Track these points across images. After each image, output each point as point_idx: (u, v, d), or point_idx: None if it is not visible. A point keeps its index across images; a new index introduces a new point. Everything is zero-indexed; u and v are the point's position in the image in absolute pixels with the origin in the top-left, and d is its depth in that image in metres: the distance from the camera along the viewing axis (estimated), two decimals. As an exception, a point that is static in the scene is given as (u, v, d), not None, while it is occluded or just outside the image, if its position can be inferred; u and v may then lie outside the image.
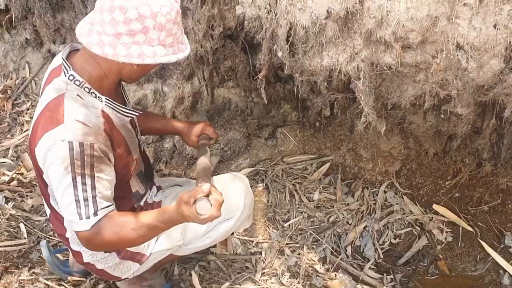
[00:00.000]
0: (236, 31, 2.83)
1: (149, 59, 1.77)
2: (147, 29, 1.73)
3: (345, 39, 2.24)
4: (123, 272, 2.30)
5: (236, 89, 3.34)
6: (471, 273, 2.92)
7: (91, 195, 1.81)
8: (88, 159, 1.79)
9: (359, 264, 2.88)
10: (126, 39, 1.73)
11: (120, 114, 2.03)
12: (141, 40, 1.75)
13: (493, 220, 3.03)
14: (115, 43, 1.74)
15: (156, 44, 1.78)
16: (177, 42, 1.86)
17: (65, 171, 1.78)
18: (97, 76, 1.90)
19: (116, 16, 1.71)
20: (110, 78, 1.93)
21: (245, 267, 2.77)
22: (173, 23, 1.78)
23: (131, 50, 1.75)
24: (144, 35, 1.74)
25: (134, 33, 1.73)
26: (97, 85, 1.91)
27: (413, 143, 3.15)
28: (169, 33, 1.79)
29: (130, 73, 1.94)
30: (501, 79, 2.03)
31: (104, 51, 1.74)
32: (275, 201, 3.11)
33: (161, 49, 1.79)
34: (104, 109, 1.94)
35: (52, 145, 1.78)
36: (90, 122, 1.83)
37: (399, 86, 2.41)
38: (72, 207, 1.81)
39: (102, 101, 1.92)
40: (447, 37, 1.96)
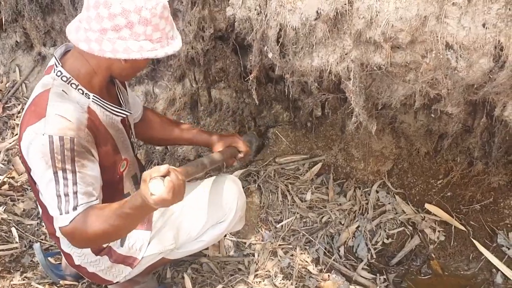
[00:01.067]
0: (227, 32, 2.83)
1: (134, 54, 1.77)
2: (132, 24, 1.74)
3: (335, 40, 2.23)
4: (115, 275, 2.29)
5: (227, 90, 3.33)
6: (464, 272, 2.92)
7: (72, 191, 1.80)
8: (69, 153, 1.78)
9: (352, 265, 2.88)
10: (111, 34, 1.74)
11: (108, 112, 2.02)
12: (126, 35, 1.75)
13: (485, 219, 3.03)
14: (101, 39, 1.75)
15: (143, 39, 1.78)
16: (166, 38, 1.85)
17: (46, 165, 1.78)
18: (86, 73, 1.91)
19: (101, 12, 1.72)
20: (99, 75, 1.94)
21: (238, 269, 2.76)
22: (159, 17, 1.78)
23: (116, 45, 1.76)
24: (130, 30, 1.75)
25: (119, 28, 1.74)
26: (86, 82, 1.92)
27: (405, 143, 3.16)
28: (156, 28, 1.79)
29: (119, 70, 1.94)
30: (490, 78, 2.02)
31: (90, 47, 1.76)
32: (267, 202, 3.10)
33: (148, 44, 1.79)
34: (91, 106, 1.94)
35: (33, 139, 1.78)
36: (72, 117, 1.82)
37: (389, 86, 2.41)
38: (54, 202, 1.81)
39: (89, 97, 1.92)
40: (436, 36, 1.96)
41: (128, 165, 2.18)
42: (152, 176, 1.67)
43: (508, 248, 2.90)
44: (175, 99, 3.37)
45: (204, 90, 3.29)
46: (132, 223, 1.90)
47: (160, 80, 3.42)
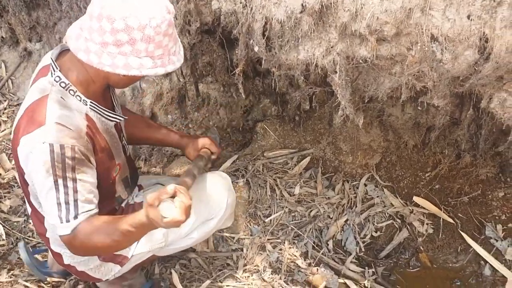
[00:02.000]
0: (213, 26, 2.81)
1: (134, 71, 1.73)
2: (134, 41, 1.69)
3: (321, 33, 2.23)
4: (104, 274, 2.27)
5: (215, 84, 3.32)
6: (452, 264, 2.92)
7: (73, 199, 1.79)
8: (70, 161, 1.76)
9: (340, 258, 2.87)
10: (112, 48, 1.70)
11: (104, 118, 2.00)
12: (127, 51, 1.71)
13: (474, 211, 3.03)
14: (101, 52, 1.71)
15: (144, 56, 1.73)
16: (168, 54, 1.80)
17: (46, 173, 1.76)
18: (83, 79, 1.88)
19: (104, 25, 1.67)
20: (97, 83, 1.91)
21: (227, 264, 2.76)
22: (163, 35, 1.73)
23: (116, 60, 1.71)
24: (131, 46, 1.70)
25: (121, 43, 1.69)
26: (83, 88, 1.89)
27: (393, 136, 3.15)
28: (159, 45, 1.74)
29: (117, 81, 1.91)
30: (476, 70, 2.02)
31: (89, 59, 1.72)
32: (256, 197, 3.09)
33: (149, 61, 1.74)
34: (89, 113, 1.91)
35: (33, 148, 1.76)
36: (72, 124, 1.81)
37: (375, 79, 2.41)
38: (54, 210, 1.79)
39: (86, 104, 1.90)
40: (421, 28, 1.95)
41: (120, 169, 2.16)
42: (162, 200, 1.70)
43: (496, 240, 2.90)
44: (162, 94, 3.35)
45: (191, 85, 3.28)
46: (134, 239, 1.95)
47: (147, 75, 3.39)
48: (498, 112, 2.27)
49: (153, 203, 1.70)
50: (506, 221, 2.97)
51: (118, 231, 1.81)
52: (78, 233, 1.81)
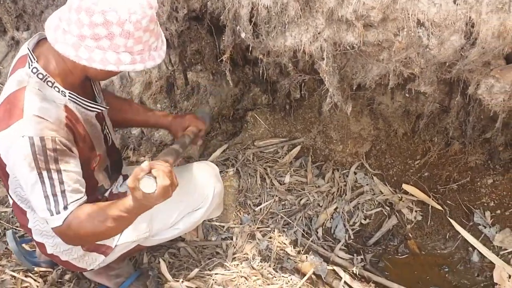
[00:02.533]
0: (201, 12, 2.78)
1: (111, 66, 1.70)
2: (113, 36, 1.66)
3: (307, 19, 2.21)
4: (89, 263, 2.26)
5: (204, 72, 3.30)
6: (440, 251, 2.93)
7: (60, 190, 1.77)
8: (52, 153, 1.74)
9: (330, 246, 2.88)
10: (90, 42, 1.67)
11: (84, 109, 1.97)
12: (105, 46, 1.68)
13: (462, 198, 3.04)
14: (78, 45, 1.68)
15: (122, 51, 1.70)
16: (148, 50, 1.77)
17: (29, 167, 1.73)
18: (61, 70, 1.85)
19: (82, 18, 1.64)
20: (75, 74, 1.88)
21: (216, 253, 2.75)
22: (143, 31, 1.70)
23: (93, 54, 1.68)
24: (109, 41, 1.67)
25: (99, 37, 1.66)
26: (62, 79, 1.86)
27: (382, 124, 3.15)
28: (138, 41, 1.71)
29: (95, 74, 1.88)
30: (462, 56, 2.01)
31: (66, 51, 1.69)
32: (246, 186, 3.09)
33: (127, 56, 1.71)
34: (68, 104, 1.88)
35: (13, 142, 1.73)
36: (50, 116, 1.78)
37: (363, 66, 2.39)
38: (42, 203, 1.78)
39: (65, 95, 1.87)
40: (407, 14, 1.94)
41: (100, 160, 2.14)
42: (140, 178, 1.67)
43: (485, 226, 2.92)
44: (151, 82, 3.33)
45: (180, 73, 3.25)
46: (128, 224, 1.91)
47: (136, 63, 3.36)
48: (485, 99, 2.26)
49: (134, 185, 1.67)
50: (495, 207, 2.99)
51: (110, 217, 1.79)
52: (70, 223, 1.79)
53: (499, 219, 2.94)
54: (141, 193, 1.68)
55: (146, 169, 1.68)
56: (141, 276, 2.52)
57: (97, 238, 1.99)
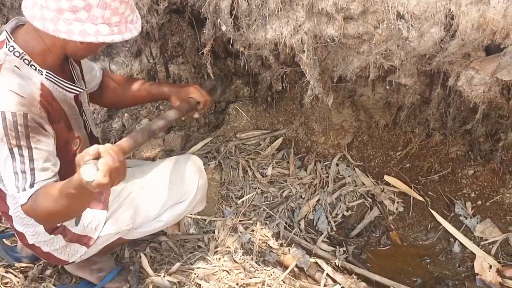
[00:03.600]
0: (182, 5, 2.76)
1: (90, 37, 1.72)
2: (90, 7, 1.68)
3: (288, 12, 2.20)
4: (70, 255, 2.24)
5: (186, 65, 3.29)
6: (422, 242, 2.96)
7: (29, 167, 1.76)
8: (23, 129, 1.74)
9: (312, 238, 2.89)
10: (68, 15, 1.69)
11: (62, 89, 1.98)
12: (83, 18, 1.70)
13: (443, 189, 3.07)
14: (56, 19, 1.69)
15: (100, 23, 1.73)
16: (125, 22, 1.80)
17: (1, 142, 1.74)
18: (40, 50, 1.86)
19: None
20: (54, 53, 1.89)
21: (198, 247, 2.74)
22: (119, 2, 1.73)
23: (72, 27, 1.70)
24: (87, 13, 1.69)
25: (77, 9, 1.68)
26: (40, 58, 1.87)
27: (364, 115, 3.16)
28: (115, 12, 1.74)
29: (74, 50, 1.89)
30: (442, 48, 2.02)
31: (45, 26, 1.70)
32: (228, 178, 3.08)
33: (105, 27, 1.74)
34: (44, 82, 1.89)
35: None
36: (24, 93, 1.78)
37: (344, 58, 2.39)
38: (12, 179, 1.77)
39: (42, 74, 1.88)
40: (387, 6, 1.94)
41: (81, 143, 2.13)
42: (84, 161, 1.57)
43: (466, 217, 2.94)
44: (132, 75, 3.31)
45: (161, 66, 3.24)
46: (81, 202, 1.84)
47: (117, 56, 3.36)
48: (465, 90, 2.28)
49: (78, 163, 1.58)
50: (475, 198, 3.02)
51: (63, 195, 1.72)
52: (33, 202, 1.77)
53: (480, 210, 2.97)
54: (79, 176, 1.58)
55: (92, 154, 1.57)
56: (123, 270, 2.50)
57: (56, 217, 1.88)
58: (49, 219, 1.90)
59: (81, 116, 2.17)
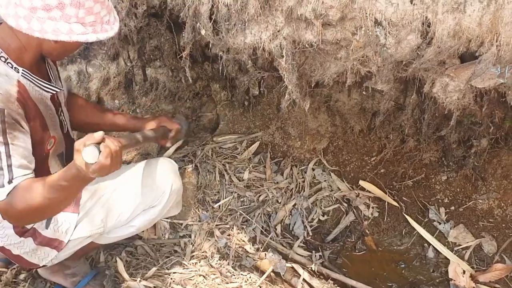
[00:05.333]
0: (160, 9, 2.76)
1: (63, 36, 1.71)
2: (64, 6, 1.67)
3: (267, 17, 2.21)
4: (41, 258, 2.20)
5: (163, 68, 3.27)
6: (397, 247, 2.98)
7: (6, 164, 1.73)
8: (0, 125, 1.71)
9: (288, 243, 2.89)
10: (41, 13, 1.68)
11: (38, 88, 1.95)
12: (57, 16, 1.69)
13: (417, 195, 3.11)
14: (30, 17, 1.68)
15: (74, 22, 1.72)
16: (100, 22, 1.79)
17: None
18: (16, 48, 1.84)
19: None
20: (29, 52, 1.87)
21: (174, 251, 2.72)
22: (93, 1, 1.72)
23: (45, 26, 1.69)
24: (61, 11, 1.68)
25: (50, 8, 1.67)
26: (16, 56, 1.85)
27: (340, 121, 3.19)
28: (89, 12, 1.73)
29: (49, 49, 1.88)
30: (418, 55, 2.05)
31: (18, 24, 1.69)
32: (204, 182, 3.07)
33: (79, 27, 1.73)
34: (20, 80, 1.86)
35: None
36: (1, 88, 1.75)
37: (322, 64, 2.41)
38: None
39: (18, 72, 1.85)
40: (365, 13, 1.96)
41: (55, 143, 2.10)
42: (86, 144, 1.63)
43: (439, 223, 2.98)
44: (109, 78, 3.28)
45: (139, 69, 3.22)
46: (69, 195, 1.85)
47: (94, 59, 3.32)
48: (440, 97, 2.31)
49: (79, 148, 1.64)
50: (449, 204, 3.06)
51: (51, 187, 1.74)
52: (12, 198, 1.74)
53: (453, 215, 3.02)
54: (81, 159, 1.64)
55: (98, 138, 1.66)
56: (98, 275, 2.48)
57: (39, 213, 1.87)
58: (29, 216, 1.86)
59: (58, 116, 2.14)
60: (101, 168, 1.66)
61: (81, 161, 1.64)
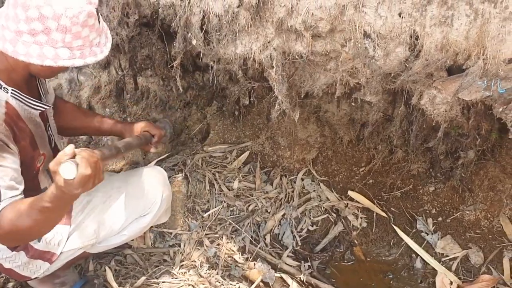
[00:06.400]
0: (152, 19, 2.77)
1: (48, 61, 1.69)
2: (49, 31, 1.65)
3: (258, 28, 2.23)
4: (33, 271, 2.20)
5: (154, 77, 3.28)
6: (385, 258, 2.99)
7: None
8: None
9: (277, 252, 2.90)
10: (27, 37, 1.66)
11: (27, 107, 1.94)
12: (42, 41, 1.67)
13: (405, 205, 3.13)
14: (15, 40, 1.67)
15: (61, 46, 1.69)
16: (89, 45, 1.76)
17: None
18: (4, 68, 1.83)
19: (19, 13, 1.63)
20: (18, 72, 1.86)
21: (163, 260, 2.72)
22: (81, 26, 1.69)
23: (30, 50, 1.67)
24: (46, 36, 1.66)
25: (36, 33, 1.65)
26: (5, 76, 1.84)
27: (329, 131, 3.21)
28: (77, 36, 1.70)
29: (37, 71, 1.87)
30: (406, 67, 2.08)
31: (4, 47, 1.67)
32: (194, 191, 3.07)
33: (66, 51, 1.70)
34: (9, 101, 1.85)
35: None
36: None
37: (311, 75, 2.44)
38: None
39: (7, 92, 1.84)
40: (354, 25, 1.99)
41: (45, 160, 2.10)
42: (62, 162, 1.56)
43: (427, 233, 3.00)
44: (100, 86, 3.28)
45: (130, 78, 3.23)
46: (55, 216, 1.81)
47: (85, 67, 3.32)
48: (428, 109, 2.34)
49: (55, 170, 1.57)
50: (436, 215, 3.08)
51: (36, 210, 1.70)
52: (0, 220, 1.72)
53: (441, 226, 3.03)
54: (61, 179, 1.57)
55: (69, 153, 1.58)
56: (87, 284, 2.47)
57: (26, 234, 1.84)
58: (15, 237, 1.83)
59: (47, 132, 2.14)
60: (83, 180, 1.58)
61: (61, 181, 1.57)
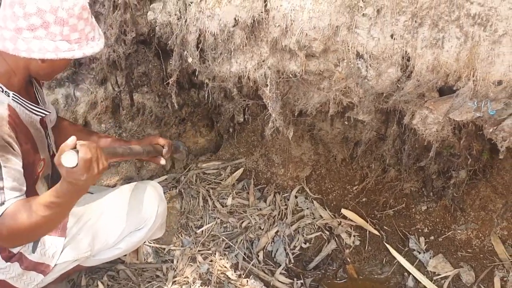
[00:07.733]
0: (149, 36, 2.81)
1: (49, 54, 1.75)
2: (48, 24, 1.72)
3: (253, 47, 2.27)
4: (26, 283, 2.20)
5: (150, 94, 3.30)
6: (377, 276, 2.99)
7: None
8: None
9: (270, 270, 2.90)
10: (26, 34, 1.72)
11: (28, 111, 1.97)
12: (42, 35, 1.73)
13: (398, 224, 3.14)
14: (15, 38, 1.72)
15: (59, 40, 1.76)
16: (85, 39, 1.83)
17: None
18: (4, 71, 1.87)
19: (16, 11, 1.69)
20: (18, 74, 1.90)
21: (156, 276, 2.73)
22: (77, 18, 1.77)
23: (31, 45, 1.73)
24: (45, 30, 1.72)
25: (35, 28, 1.71)
26: (5, 80, 1.87)
27: (322, 149, 3.23)
28: (74, 29, 1.77)
29: (37, 69, 1.90)
30: (398, 87, 2.11)
31: (4, 46, 1.72)
32: (188, 207, 3.09)
33: (65, 44, 1.77)
34: (11, 104, 1.88)
35: None
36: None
37: (305, 93, 2.47)
38: None
39: (9, 95, 1.88)
40: (347, 46, 2.02)
41: (44, 165, 2.12)
42: (63, 152, 1.65)
43: (419, 252, 3.01)
44: (96, 102, 3.29)
45: (126, 94, 3.25)
46: (63, 211, 1.85)
47: (82, 83, 3.34)
48: (420, 128, 2.37)
49: (58, 161, 1.65)
50: (428, 234, 3.09)
51: (43, 206, 1.75)
52: (4, 219, 1.74)
53: (433, 245, 3.04)
54: (64, 170, 1.65)
55: (71, 144, 1.67)
56: (79, 298, 2.48)
57: (31, 233, 1.86)
58: (23, 235, 1.85)
59: (46, 139, 2.17)
60: (85, 165, 1.66)
61: (65, 171, 1.65)
